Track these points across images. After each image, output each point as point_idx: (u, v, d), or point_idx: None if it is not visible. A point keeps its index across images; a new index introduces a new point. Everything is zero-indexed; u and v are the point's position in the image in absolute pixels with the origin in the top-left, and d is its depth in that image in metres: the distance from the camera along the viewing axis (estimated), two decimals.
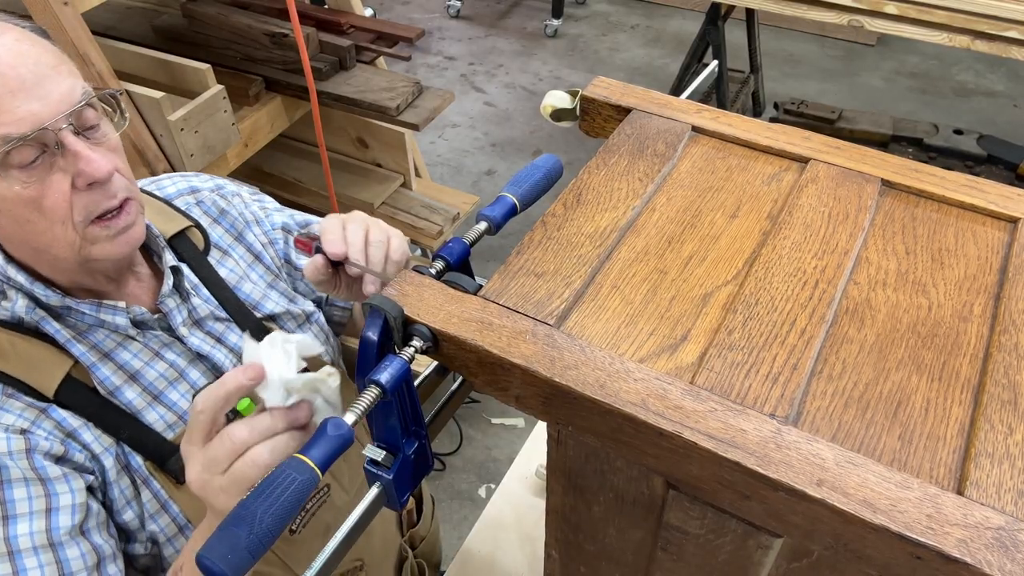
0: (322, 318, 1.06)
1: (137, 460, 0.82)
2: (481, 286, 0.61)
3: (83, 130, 0.74)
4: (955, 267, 0.62)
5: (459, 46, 4.35)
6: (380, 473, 0.61)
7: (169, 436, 0.84)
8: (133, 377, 0.84)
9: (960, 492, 0.46)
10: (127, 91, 1.52)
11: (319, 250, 0.79)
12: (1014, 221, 0.65)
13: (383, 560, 1.13)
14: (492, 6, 4.73)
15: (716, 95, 2.92)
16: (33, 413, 0.77)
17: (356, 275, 0.80)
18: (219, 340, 0.91)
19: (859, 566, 0.47)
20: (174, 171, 1.61)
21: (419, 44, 4.23)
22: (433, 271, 0.63)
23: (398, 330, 0.58)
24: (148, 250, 0.91)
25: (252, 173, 2.25)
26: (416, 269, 0.62)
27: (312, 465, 0.54)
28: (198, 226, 0.95)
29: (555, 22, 4.37)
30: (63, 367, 0.79)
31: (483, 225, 0.70)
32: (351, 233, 0.80)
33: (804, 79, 3.95)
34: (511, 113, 3.81)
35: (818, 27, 4.16)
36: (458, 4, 4.58)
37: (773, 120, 2.73)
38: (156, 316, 0.86)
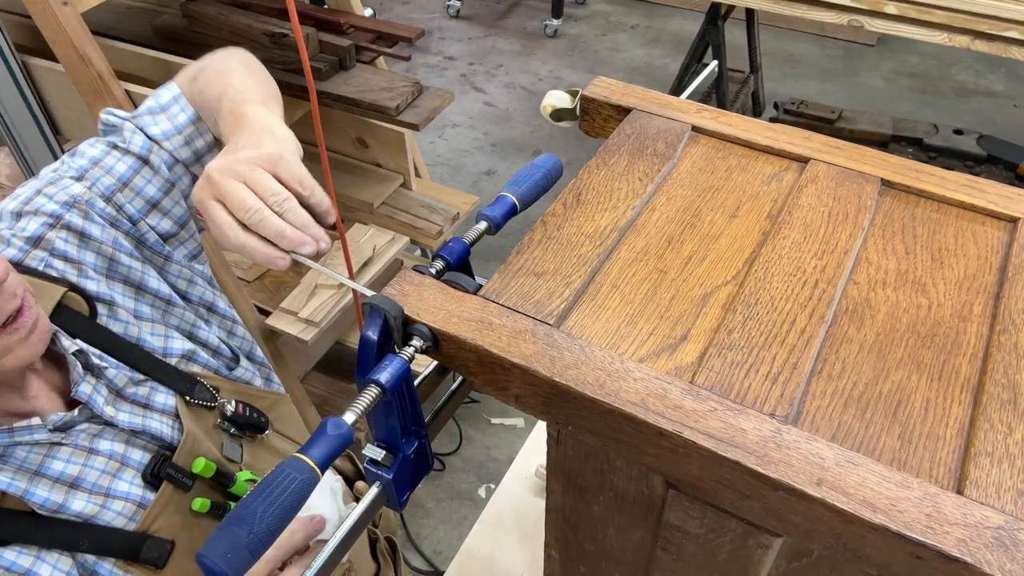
0: (242, 352, 0.98)
1: (105, 566, 0.76)
2: (481, 286, 0.61)
3: None
4: (955, 267, 0.62)
5: (459, 46, 4.35)
6: (380, 473, 0.62)
7: (132, 527, 0.78)
8: (74, 485, 0.76)
9: (960, 491, 0.46)
10: (127, 91, 1.52)
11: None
12: (1014, 221, 0.65)
13: (362, 552, 1.12)
14: (492, 6, 4.73)
15: (716, 95, 2.92)
16: None
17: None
18: (147, 406, 0.83)
19: (859, 565, 0.47)
20: None
21: (419, 44, 4.23)
22: (433, 271, 0.63)
23: (398, 330, 0.58)
24: None
25: None
26: (416, 269, 0.62)
27: (312, 465, 0.54)
28: (72, 287, 0.80)
29: (555, 22, 4.37)
30: None
31: (483, 225, 0.70)
32: (272, 195, 0.67)
33: (804, 79, 3.95)
34: (511, 113, 3.81)
35: (818, 27, 4.16)
36: (458, 4, 4.58)
37: (773, 120, 2.73)
38: (77, 410, 0.77)
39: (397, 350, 0.58)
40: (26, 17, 1.54)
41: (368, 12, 3.55)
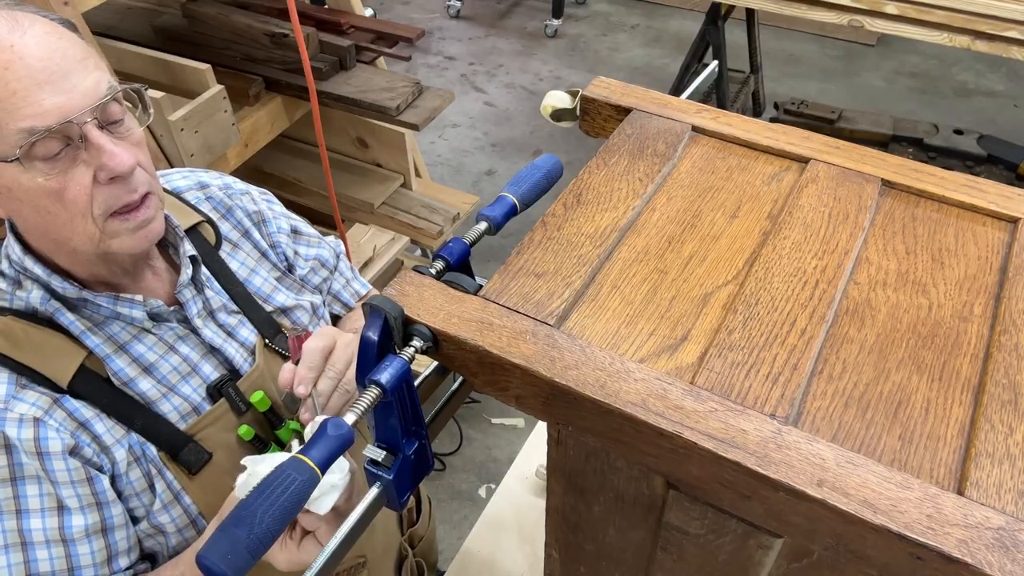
0: (327, 312, 1.07)
1: (151, 450, 0.83)
2: (481, 286, 0.61)
3: (107, 124, 0.75)
4: (955, 267, 0.62)
5: (459, 46, 4.35)
6: (380, 473, 0.61)
7: (182, 426, 0.85)
8: (147, 370, 0.84)
9: (960, 492, 0.46)
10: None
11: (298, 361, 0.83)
12: (1014, 221, 0.65)
13: (384, 557, 1.14)
14: (492, 6, 4.73)
15: (716, 95, 2.92)
16: (46, 402, 0.77)
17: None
18: (230, 334, 0.92)
19: (859, 566, 0.47)
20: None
21: (419, 44, 4.24)
22: (433, 271, 0.63)
23: (398, 330, 0.58)
24: (163, 243, 0.91)
25: (252, 173, 2.25)
26: (416, 269, 0.62)
27: (312, 465, 0.54)
28: (209, 221, 0.95)
29: (555, 22, 4.37)
30: (77, 358, 0.80)
31: (483, 225, 0.70)
32: (331, 365, 0.83)
33: (804, 79, 3.95)
34: (511, 113, 3.81)
35: (818, 27, 4.16)
36: (458, 4, 4.58)
37: (773, 120, 2.73)
38: (172, 309, 0.87)
39: (397, 351, 0.58)
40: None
41: (368, 12, 3.55)
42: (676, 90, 3.08)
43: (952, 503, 0.45)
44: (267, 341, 0.94)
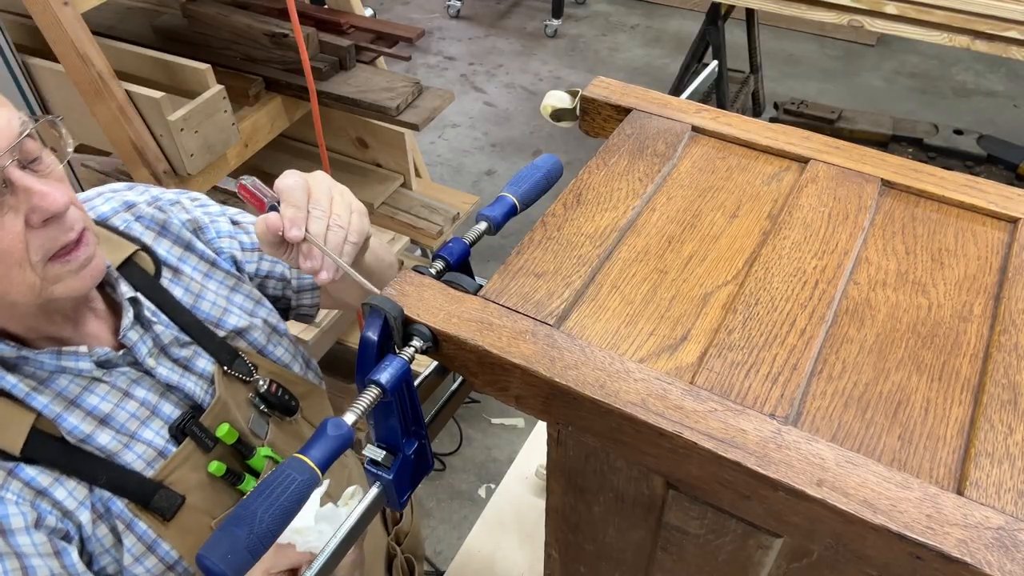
0: (290, 331, 1.02)
1: (118, 505, 0.79)
2: (481, 286, 0.61)
3: (27, 163, 0.70)
4: (955, 267, 0.62)
5: (459, 46, 4.35)
6: (380, 473, 0.62)
7: (149, 473, 0.81)
8: (104, 421, 0.80)
9: (960, 492, 0.46)
10: (128, 91, 1.52)
11: (274, 208, 0.73)
12: (1014, 221, 0.65)
13: (372, 560, 1.13)
14: (492, 6, 4.73)
15: (716, 95, 2.92)
16: (0, 476, 0.73)
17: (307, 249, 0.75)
18: (187, 368, 0.87)
19: (859, 566, 0.47)
20: (174, 171, 1.61)
21: (419, 44, 4.23)
22: (433, 271, 0.63)
23: (398, 330, 0.58)
24: (100, 283, 0.83)
25: (252, 173, 2.25)
26: (416, 269, 0.62)
27: (312, 465, 0.54)
28: (144, 248, 0.88)
29: (555, 22, 4.36)
30: (26, 422, 0.75)
31: (483, 225, 0.70)
32: (315, 204, 0.74)
33: (804, 79, 3.95)
34: (511, 113, 3.81)
35: (818, 27, 4.16)
36: (458, 4, 4.58)
37: (773, 120, 2.73)
38: (120, 352, 0.82)
39: (397, 350, 0.58)
40: (26, 17, 1.54)
41: (368, 12, 3.55)
42: (676, 90, 3.08)
43: (952, 503, 0.45)
44: (226, 368, 0.89)
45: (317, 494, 0.80)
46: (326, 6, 2.10)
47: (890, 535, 0.44)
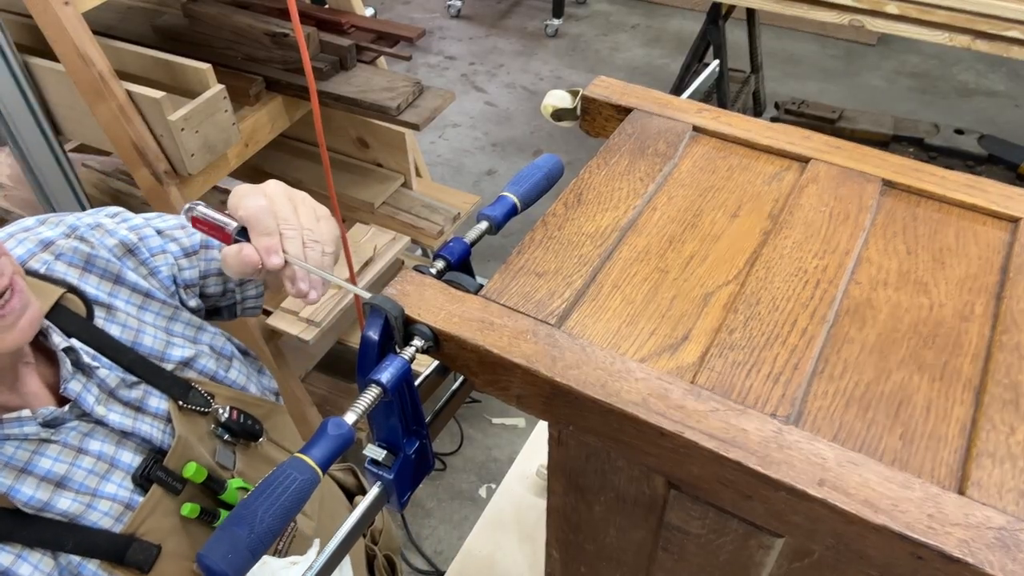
0: (238, 353, 0.99)
1: (90, 568, 0.75)
2: (482, 286, 0.61)
3: None
4: (956, 267, 0.62)
5: (459, 46, 4.35)
6: (381, 473, 0.61)
7: (118, 529, 0.77)
8: (61, 484, 0.75)
9: (962, 492, 0.46)
10: (128, 90, 1.52)
11: (241, 234, 0.71)
12: (1015, 221, 0.65)
13: (354, 565, 1.12)
14: (492, 6, 4.73)
15: (717, 95, 2.92)
16: None
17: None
18: (139, 409, 0.82)
19: (860, 566, 0.47)
20: (175, 171, 1.61)
21: (420, 44, 4.23)
22: (434, 271, 0.63)
23: (399, 330, 0.58)
24: None
25: (252, 173, 2.25)
26: (417, 269, 0.62)
27: (313, 465, 0.54)
28: (71, 289, 0.81)
29: (556, 22, 4.36)
30: None
31: (484, 225, 0.70)
32: (284, 223, 0.71)
33: (805, 79, 3.95)
34: (512, 113, 3.81)
35: (819, 27, 4.16)
36: (458, 4, 4.58)
37: (774, 120, 2.73)
38: (66, 408, 0.76)
39: (398, 350, 0.58)
40: (27, 17, 1.54)
41: (369, 12, 3.55)
42: (677, 90, 3.07)
43: (953, 503, 0.45)
44: (181, 403, 0.84)
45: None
46: (327, 6, 2.10)
47: (891, 535, 0.44)
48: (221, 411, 0.88)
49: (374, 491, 0.61)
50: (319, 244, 0.74)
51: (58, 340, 0.77)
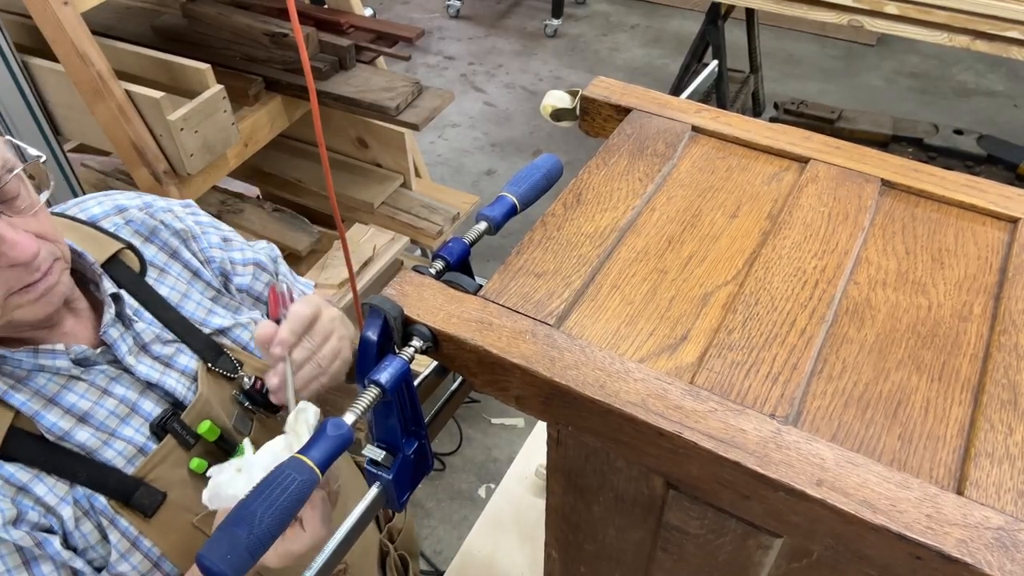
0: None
1: (101, 501, 0.79)
2: (481, 286, 0.61)
3: (4, 200, 0.71)
4: (955, 267, 0.62)
5: (459, 46, 4.35)
6: (380, 473, 0.62)
7: (130, 470, 0.81)
8: (83, 419, 0.80)
9: (960, 492, 0.46)
10: (127, 90, 1.52)
11: (278, 322, 0.82)
12: (1014, 221, 0.65)
13: (364, 559, 1.13)
14: (492, 6, 4.73)
15: (716, 95, 2.92)
16: None
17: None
18: (168, 365, 0.87)
19: (859, 566, 0.47)
20: (174, 171, 1.61)
21: (419, 44, 4.23)
22: (433, 271, 0.63)
23: (398, 330, 0.58)
24: (84, 281, 0.86)
25: (252, 173, 2.25)
26: (416, 269, 0.62)
27: (312, 465, 0.54)
28: (130, 247, 0.90)
29: (555, 22, 4.36)
30: (4, 420, 0.76)
31: (483, 225, 0.70)
32: (310, 337, 0.83)
33: (804, 79, 3.95)
34: (511, 113, 3.81)
35: (818, 27, 4.16)
36: (458, 4, 4.58)
37: (773, 120, 2.73)
38: (99, 350, 0.82)
39: (397, 350, 0.58)
40: (26, 17, 1.54)
41: (368, 12, 3.55)
42: (676, 90, 3.08)
43: (951, 503, 0.45)
44: (210, 365, 0.89)
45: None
46: (326, 6, 2.10)
47: (890, 535, 0.44)
48: (247, 379, 0.92)
49: (373, 491, 0.61)
50: (319, 370, 0.84)
51: (108, 286, 0.84)
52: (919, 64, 4.01)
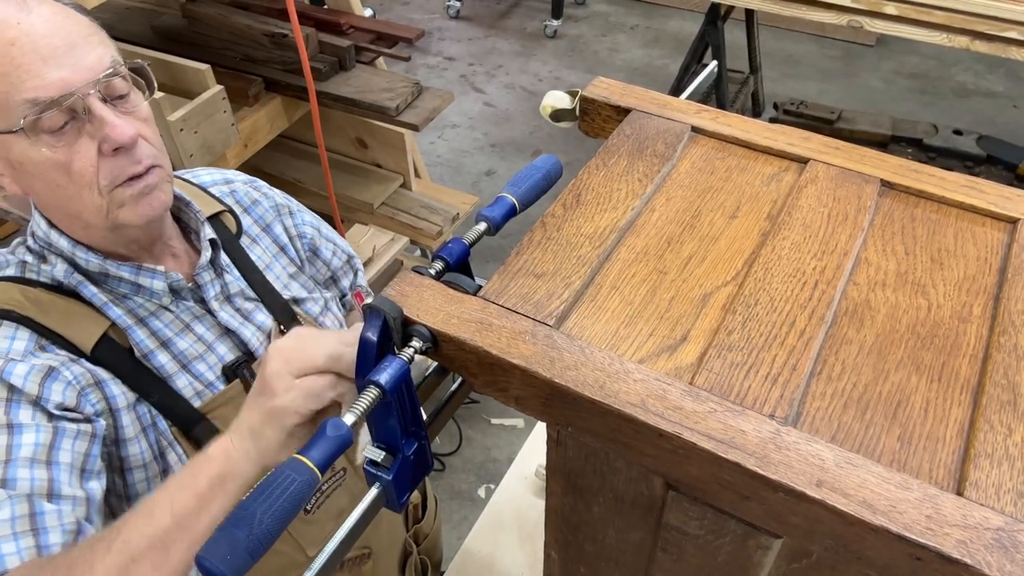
0: (335, 307, 1.11)
1: (163, 424, 0.84)
2: (481, 287, 0.61)
3: (112, 99, 0.77)
4: (954, 268, 0.62)
5: (459, 46, 4.35)
6: (379, 474, 0.61)
7: (196, 404, 0.86)
8: (165, 344, 0.86)
9: (959, 493, 0.46)
10: None
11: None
12: (1013, 222, 0.65)
13: (388, 550, 1.14)
14: (492, 7, 4.73)
15: (716, 95, 2.92)
16: (65, 358, 0.78)
17: None
18: (247, 317, 0.94)
19: (859, 567, 0.47)
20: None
21: (419, 44, 4.23)
22: (433, 271, 0.63)
23: (398, 331, 0.58)
24: (185, 228, 0.93)
25: (252, 173, 2.24)
26: (416, 269, 0.62)
27: (311, 466, 0.54)
28: (231, 212, 0.98)
29: (555, 23, 4.36)
30: (101, 326, 0.82)
31: (483, 226, 0.70)
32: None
33: (803, 79, 3.96)
34: (511, 113, 3.81)
35: (818, 27, 4.16)
36: (458, 4, 4.58)
37: (773, 120, 2.73)
38: (190, 285, 0.89)
39: (397, 351, 0.58)
40: None
41: (368, 12, 3.55)
42: (675, 90, 3.08)
43: (951, 504, 0.45)
44: (283, 327, 0.95)
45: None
46: (326, 6, 2.10)
47: (890, 536, 0.44)
48: None
49: (373, 492, 0.61)
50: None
51: (208, 232, 0.91)
52: (918, 65, 4.02)
